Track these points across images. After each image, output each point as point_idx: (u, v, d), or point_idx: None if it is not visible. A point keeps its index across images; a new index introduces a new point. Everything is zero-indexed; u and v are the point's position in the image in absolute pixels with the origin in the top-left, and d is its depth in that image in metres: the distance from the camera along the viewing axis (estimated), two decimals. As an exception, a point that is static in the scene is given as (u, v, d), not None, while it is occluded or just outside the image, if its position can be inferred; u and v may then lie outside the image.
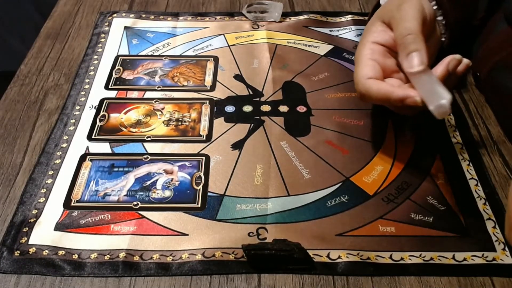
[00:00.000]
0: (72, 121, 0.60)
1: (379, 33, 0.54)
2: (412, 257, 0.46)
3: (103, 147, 0.57)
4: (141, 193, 0.52)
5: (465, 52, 0.53)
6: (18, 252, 0.46)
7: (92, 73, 0.67)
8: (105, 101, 0.62)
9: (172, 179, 0.53)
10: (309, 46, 0.71)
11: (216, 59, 0.69)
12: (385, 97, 0.49)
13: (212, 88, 0.65)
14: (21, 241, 0.47)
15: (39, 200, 0.51)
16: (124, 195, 0.51)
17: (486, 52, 0.61)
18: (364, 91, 0.51)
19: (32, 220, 0.49)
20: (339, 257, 0.46)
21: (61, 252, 0.46)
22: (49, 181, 0.53)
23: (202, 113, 0.61)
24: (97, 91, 0.64)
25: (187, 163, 0.55)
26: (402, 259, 0.46)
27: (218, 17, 0.77)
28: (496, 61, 0.58)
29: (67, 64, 0.69)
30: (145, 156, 0.55)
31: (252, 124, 0.59)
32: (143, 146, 0.57)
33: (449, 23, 0.57)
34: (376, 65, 0.52)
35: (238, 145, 0.57)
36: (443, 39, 0.58)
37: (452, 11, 0.56)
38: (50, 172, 0.54)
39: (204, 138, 0.58)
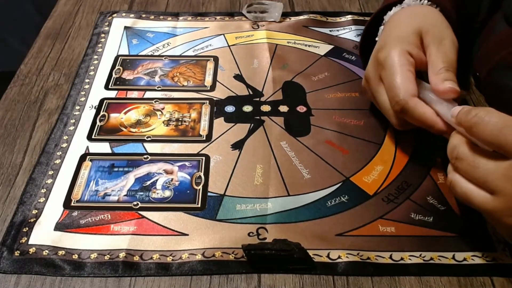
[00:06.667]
0: (72, 121, 0.60)
1: (414, 46, 0.52)
2: (412, 257, 0.46)
3: (103, 147, 0.57)
4: (141, 193, 0.52)
5: (465, 53, 0.53)
6: (18, 252, 0.46)
7: (92, 73, 0.67)
8: (105, 101, 0.62)
9: (172, 179, 0.53)
10: (309, 46, 0.71)
11: (216, 59, 0.69)
12: (428, 123, 0.48)
13: (212, 88, 0.65)
14: (21, 241, 0.47)
15: (39, 200, 0.51)
16: (124, 195, 0.51)
17: (486, 52, 0.61)
18: (407, 108, 0.49)
19: (32, 220, 0.49)
20: (339, 257, 0.46)
21: (61, 252, 0.46)
22: (49, 181, 0.53)
23: (202, 113, 0.61)
24: (97, 91, 0.64)
25: (187, 163, 0.55)
26: (402, 259, 0.46)
27: (218, 17, 0.77)
28: (497, 61, 0.58)
29: (67, 64, 0.69)
30: (145, 156, 0.55)
31: (252, 124, 0.59)
32: (143, 146, 0.57)
33: (451, 26, 0.57)
34: (415, 80, 0.50)
35: (238, 145, 0.57)
36: None
37: (455, 14, 0.56)
38: (50, 172, 0.54)
39: (204, 138, 0.58)
